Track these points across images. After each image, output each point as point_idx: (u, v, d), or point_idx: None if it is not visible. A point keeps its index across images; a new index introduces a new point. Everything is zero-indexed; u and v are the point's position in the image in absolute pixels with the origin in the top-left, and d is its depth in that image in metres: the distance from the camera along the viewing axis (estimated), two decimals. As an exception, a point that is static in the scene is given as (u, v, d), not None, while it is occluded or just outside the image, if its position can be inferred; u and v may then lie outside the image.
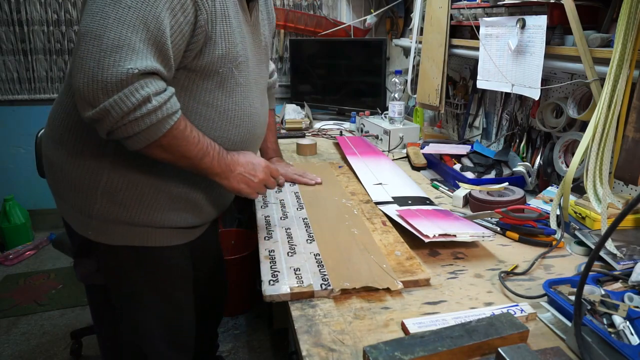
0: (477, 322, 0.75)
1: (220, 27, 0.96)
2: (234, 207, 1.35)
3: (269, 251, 1.07)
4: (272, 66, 1.48)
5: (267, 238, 1.14)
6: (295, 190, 1.45)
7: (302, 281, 0.93)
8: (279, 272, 0.97)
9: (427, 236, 1.04)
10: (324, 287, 0.91)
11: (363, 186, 1.46)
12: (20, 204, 2.97)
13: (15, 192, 2.98)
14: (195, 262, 1.22)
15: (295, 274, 0.96)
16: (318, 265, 0.99)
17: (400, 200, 1.34)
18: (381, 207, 1.30)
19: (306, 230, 1.17)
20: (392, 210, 1.24)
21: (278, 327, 2.07)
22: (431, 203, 1.34)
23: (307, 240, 1.12)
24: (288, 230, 1.17)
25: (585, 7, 1.21)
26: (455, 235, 1.06)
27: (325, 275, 0.95)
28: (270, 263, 1.01)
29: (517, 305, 0.84)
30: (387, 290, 0.92)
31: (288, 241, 1.12)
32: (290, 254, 1.05)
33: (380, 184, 1.47)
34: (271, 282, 0.93)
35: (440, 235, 1.04)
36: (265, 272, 0.97)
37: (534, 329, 0.79)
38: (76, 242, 1.06)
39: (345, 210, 1.29)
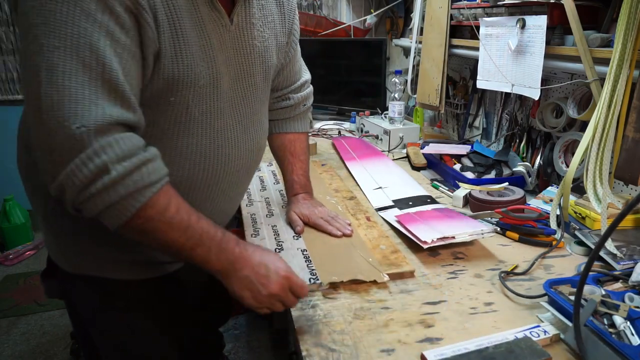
0: (494, 349, 0.72)
1: (169, 44, 0.76)
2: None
3: None
4: (305, 76, 1.23)
5: (254, 235, 1.15)
6: (280, 189, 1.45)
7: None
8: None
9: (425, 242, 1.04)
10: (312, 281, 0.92)
11: (363, 192, 1.46)
12: (20, 204, 2.97)
13: (15, 192, 2.97)
14: (188, 287, 1.08)
15: None
16: (306, 261, 1.01)
17: (400, 203, 1.34)
18: (381, 213, 1.29)
19: (292, 227, 1.18)
20: (392, 215, 1.24)
21: (278, 327, 2.07)
22: (433, 201, 1.34)
23: (293, 236, 1.13)
24: (274, 227, 1.18)
25: (585, 7, 1.21)
26: (454, 237, 1.06)
27: (313, 270, 0.97)
28: None
29: (538, 327, 0.79)
30: (374, 282, 0.94)
31: (275, 238, 1.13)
32: (277, 250, 1.07)
33: (380, 187, 1.47)
34: None
35: (438, 239, 1.05)
36: None
37: (558, 351, 0.75)
38: (46, 260, 0.98)
39: (330, 207, 1.28)
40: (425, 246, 1.04)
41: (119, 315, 0.95)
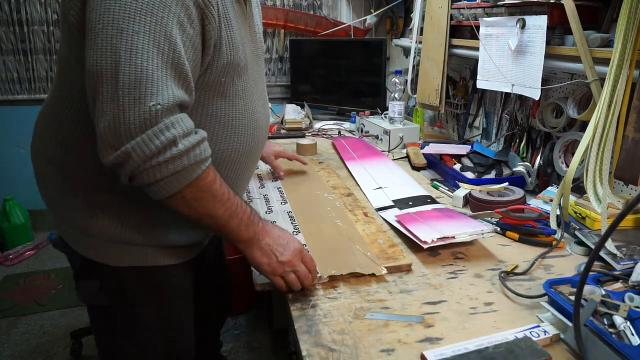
0: (494, 349, 0.72)
1: (225, 34, 0.87)
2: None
3: None
4: None
5: None
6: (277, 186, 1.49)
7: None
8: None
9: (425, 242, 1.04)
10: None
11: (363, 193, 1.46)
12: (20, 204, 2.97)
13: (15, 192, 2.98)
14: (200, 277, 1.16)
15: None
16: None
17: (400, 203, 1.34)
18: (381, 213, 1.29)
19: (291, 222, 1.20)
20: (392, 215, 1.24)
21: (278, 327, 2.08)
22: (433, 201, 1.34)
23: (292, 232, 1.14)
24: (274, 224, 1.17)
25: (585, 7, 1.21)
26: (454, 237, 1.06)
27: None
28: None
29: (538, 327, 0.79)
30: (373, 276, 0.96)
31: None
32: None
33: (380, 187, 1.47)
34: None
35: (438, 239, 1.05)
36: None
37: (558, 352, 0.75)
38: (77, 263, 0.99)
39: (328, 204, 1.33)
40: (425, 246, 1.04)
41: (166, 302, 1.03)
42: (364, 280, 0.96)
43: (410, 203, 1.33)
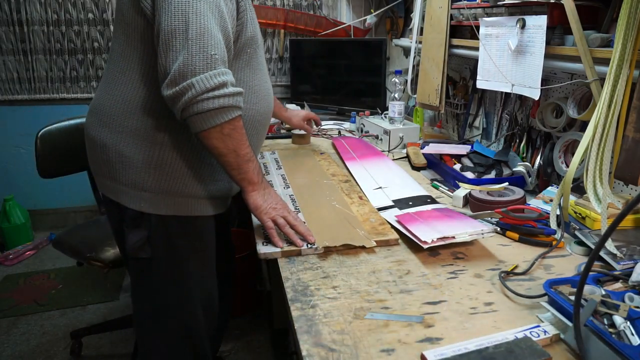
0: (494, 349, 0.72)
1: (249, 13, 1.11)
2: (233, 207, 1.39)
3: None
4: None
5: None
6: (281, 173, 1.61)
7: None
8: None
9: (425, 242, 1.05)
10: (309, 246, 1.06)
11: (363, 192, 1.46)
12: (20, 204, 2.97)
13: (15, 192, 2.98)
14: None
15: (285, 237, 1.10)
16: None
17: (400, 203, 1.34)
18: (382, 213, 1.29)
19: (292, 204, 1.32)
20: (392, 215, 1.25)
21: (278, 327, 2.07)
22: (433, 201, 1.34)
23: (294, 211, 1.22)
24: None
25: (585, 7, 1.21)
26: (454, 237, 1.06)
27: (313, 237, 1.09)
28: (263, 230, 1.13)
29: (538, 327, 0.79)
30: (363, 247, 1.08)
31: None
32: None
33: (380, 187, 1.47)
34: (264, 243, 1.09)
35: (438, 239, 1.05)
36: (259, 235, 1.13)
37: (558, 352, 0.75)
38: (128, 216, 1.14)
39: (327, 188, 1.46)
40: (425, 246, 1.04)
41: (205, 250, 1.22)
42: (364, 281, 0.96)
43: (410, 203, 1.33)
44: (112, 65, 1.12)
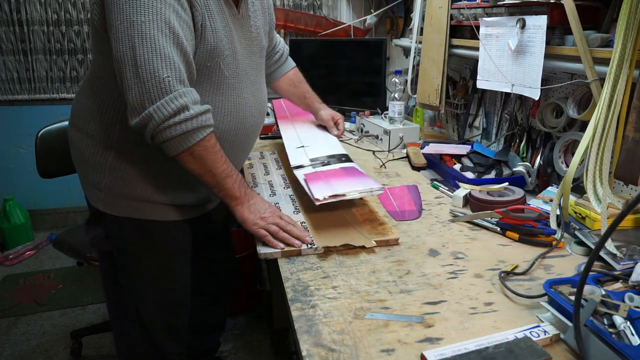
0: (494, 349, 0.72)
1: (208, 23, 1.05)
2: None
3: None
4: (277, 37, 1.59)
5: None
6: (281, 174, 1.60)
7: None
8: None
9: (317, 199, 1.09)
10: (309, 246, 1.06)
11: (286, 151, 1.49)
12: (20, 204, 2.97)
13: (15, 192, 2.98)
14: (200, 239, 1.32)
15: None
16: (305, 230, 1.13)
17: (316, 162, 1.37)
18: (296, 171, 1.32)
19: (292, 204, 1.32)
20: (301, 174, 1.28)
21: (278, 327, 2.07)
22: (347, 160, 1.37)
23: (293, 212, 1.26)
24: (277, 205, 1.30)
25: (585, 7, 1.21)
26: (344, 195, 1.11)
27: (310, 237, 1.10)
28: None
29: (538, 327, 0.79)
30: (363, 248, 1.08)
31: None
32: None
33: (302, 146, 1.50)
34: (264, 244, 1.08)
35: (330, 196, 1.10)
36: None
37: (558, 352, 0.75)
38: (90, 211, 1.20)
39: None
40: (317, 203, 1.10)
41: (158, 253, 1.21)
42: (364, 281, 0.96)
43: (326, 162, 1.36)
44: (89, 69, 1.17)
